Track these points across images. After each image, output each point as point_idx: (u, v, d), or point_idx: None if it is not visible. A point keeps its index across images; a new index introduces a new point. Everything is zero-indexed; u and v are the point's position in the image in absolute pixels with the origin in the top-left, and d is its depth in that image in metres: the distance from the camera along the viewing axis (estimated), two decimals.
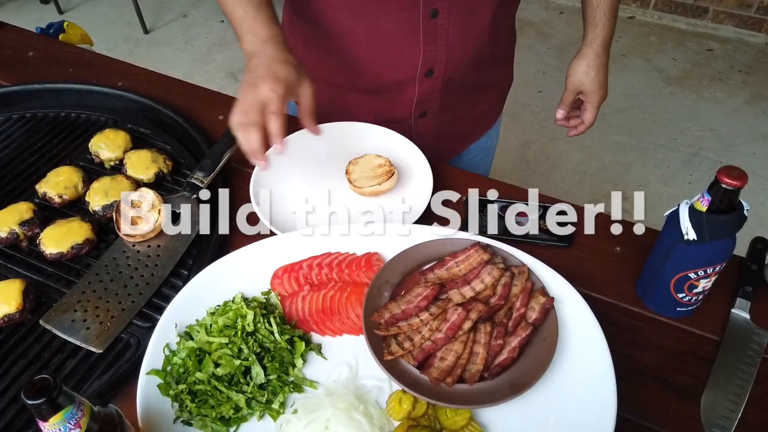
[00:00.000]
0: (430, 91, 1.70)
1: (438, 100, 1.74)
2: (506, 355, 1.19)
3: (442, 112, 1.79)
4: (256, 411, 1.16)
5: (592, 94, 1.76)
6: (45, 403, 0.86)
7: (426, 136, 1.82)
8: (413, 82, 1.68)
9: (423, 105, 1.74)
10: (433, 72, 1.65)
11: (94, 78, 2.01)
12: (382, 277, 1.31)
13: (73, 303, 1.34)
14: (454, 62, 1.65)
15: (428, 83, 1.68)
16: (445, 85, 1.70)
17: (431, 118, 1.79)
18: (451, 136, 1.90)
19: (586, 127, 1.84)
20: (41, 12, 5.55)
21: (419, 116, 1.78)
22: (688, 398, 1.22)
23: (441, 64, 1.64)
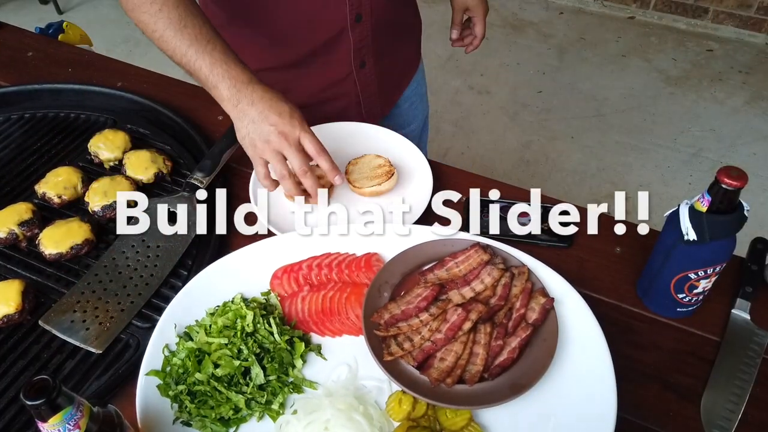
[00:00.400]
0: (363, 37, 1.72)
1: (372, 45, 1.76)
2: (506, 356, 1.19)
3: (378, 59, 1.82)
4: (255, 412, 1.16)
5: (476, 9, 1.97)
6: (44, 404, 0.86)
7: (369, 87, 1.86)
8: (346, 33, 1.69)
9: (360, 54, 1.76)
10: (362, 16, 1.67)
11: (93, 78, 2.01)
12: (382, 278, 1.31)
13: (72, 303, 1.34)
14: (377, 2, 1.68)
15: (359, 29, 1.69)
16: (375, 27, 1.72)
17: (370, 67, 1.81)
18: (388, 84, 1.94)
19: (479, 40, 2.03)
20: (40, 12, 5.54)
21: (360, 68, 1.79)
22: (689, 399, 1.22)
23: (366, 6, 1.66)
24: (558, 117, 4.35)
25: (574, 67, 4.79)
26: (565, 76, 4.70)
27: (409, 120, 2.09)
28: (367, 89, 1.85)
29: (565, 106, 4.44)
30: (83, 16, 5.55)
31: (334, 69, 1.77)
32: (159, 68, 2.12)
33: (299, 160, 1.38)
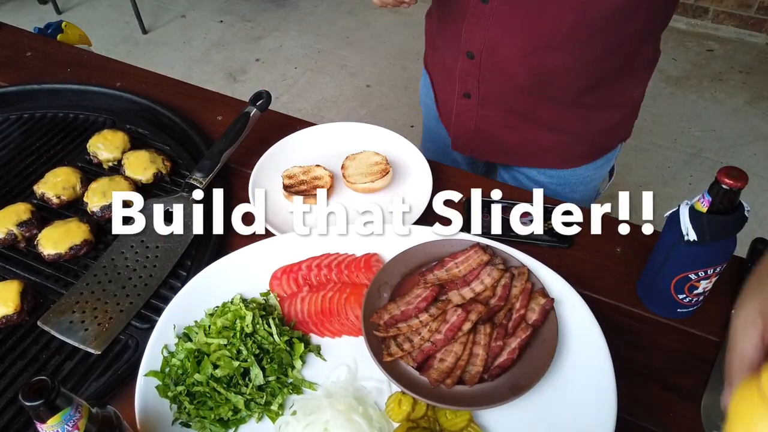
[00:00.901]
0: (469, 68, 1.66)
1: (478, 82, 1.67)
2: (506, 357, 1.19)
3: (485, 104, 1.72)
4: (254, 412, 1.16)
5: None
6: (43, 405, 0.86)
7: (466, 121, 1.80)
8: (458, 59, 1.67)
9: (465, 84, 1.71)
10: (474, 55, 1.62)
11: (92, 78, 2.01)
12: (382, 278, 1.31)
13: (71, 304, 1.34)
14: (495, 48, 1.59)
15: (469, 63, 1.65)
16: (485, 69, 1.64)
17: (473, 103, 1.74)
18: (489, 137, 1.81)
19: None
20: (39, 12, 5.54)
21: (463, 96, 1.75)
22: (689, 399, 1.22)
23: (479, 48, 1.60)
24: None
25: None
26: None
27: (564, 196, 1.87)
28: (463, 121, 1.80)
29: None
30: (82, 16, 5.55)
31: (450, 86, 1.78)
32: (158, 68, 2.12)
33: None
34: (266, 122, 1.76)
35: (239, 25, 5.46)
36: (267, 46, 5.20)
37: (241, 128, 1.64)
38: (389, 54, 5.11)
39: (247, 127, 1.65)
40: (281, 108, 1.87)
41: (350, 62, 5.06)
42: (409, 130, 4.26)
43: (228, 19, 5.54)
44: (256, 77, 4.90)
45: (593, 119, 1.74)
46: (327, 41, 5.28)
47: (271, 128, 1.78)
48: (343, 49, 5.20)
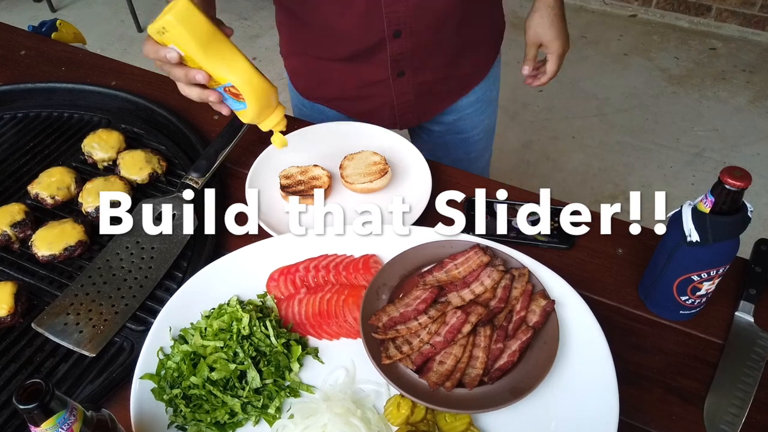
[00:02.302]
0: (402, 51, 1.70)
1: (411, 60, 1.74)
2: (506, 359, 1.19)
3: (420, 72, 1.79)
4: (251, 416, 1.16)
5: (551, 44, 1.83)
6: (37, 408, 0.86)
7: (406, 95, 1.85)
8: (384, 44, 1.68)
9: (398, 65, 1.75)
10: (401, 33, 1.65)
11: (87, 77, 2.01)
12: (380, 280, 1.31)
13: (65, 306, 1.34)
14: (419, 20, 1.64)
15: (398, 43, 1.68)
16: (417, 45, 1.70)
17: (408, 77, 1.79)
18: (432, 95, 1.90)
19: (548, 78, 1.90)
20: (33, 10, 5.54)
21: (397, 76, 1.78)
22: (692, 403, 1.22)
23: (407, 26, 1.64)
24: (559, 116, 4.36)
25: (575, 65, 4.79)
26: (567, 75, 4.70)
27: (473, 125, 2.05)
28: (403, 97, 1.84)
29: (566, 106, 4.44)
30: (77, 14, 5.55)
31: (372, 72, 1.78)
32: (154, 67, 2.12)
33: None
34: None
35: (236, 23, 5.45)
36: (264, 45, 5.19)
37: (238, 128, 1.64)
38: None
39: (244, 127, 1.65)
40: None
41: None
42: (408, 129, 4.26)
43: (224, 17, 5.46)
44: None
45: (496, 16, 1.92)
46: None
47: None
48: None
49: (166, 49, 1.24)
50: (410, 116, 1.92)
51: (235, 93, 1.28)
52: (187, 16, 1.17)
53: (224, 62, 1.24)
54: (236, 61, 1.25)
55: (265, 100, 1.29)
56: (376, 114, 1.87)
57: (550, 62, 1.87)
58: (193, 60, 1.24)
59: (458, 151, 2.09)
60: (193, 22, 1.18)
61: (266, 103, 1.30)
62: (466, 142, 2.06)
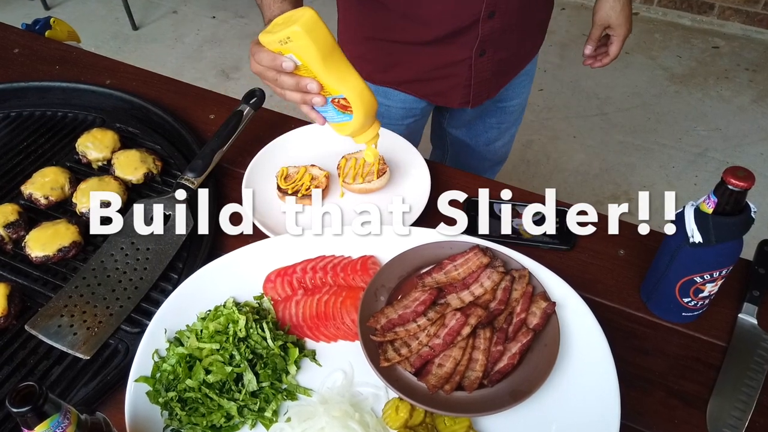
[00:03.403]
0: (492, 31, 1.75)
1: (498, 38, 1.79)
2: (506, 362, 1.19)
3: (500, 49, 1.84)
4: (248, 419, 1.16)
5: (619, 28, 1.89)
6: (30, 411, 0.86)
7: (483, 73, 1.88)
8: (476, 25, 1.72)
9: (483, 45, 1.79)
10: (495, 13, 1.70)
11: (81, 76, 2.01)
12: (378, 281, 1.31)
13: (59, 308, 1.34)
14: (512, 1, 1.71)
15: (490, 23, 1.73)
16: (504, 23, 1.75)
17: (489, 56, 1.84)
18: (503, 71, 1.95)
19: (611, 59, 1.96)
20: (27, 8, 5.54)
21: (479, 56, 1.82)
22: (694, 406, 1.22)
23: (502, 4, 1.69)
24: (560, 116, 4.35)
25: (576, 64, 4.79)
26: (567, 74, 4.70)
27: (514, 95, 2.13)
28: (480, 75, 1.88)
29: (567, 105, 4.44)
30: (71, 11, 5.54)
31: (454, 53, 1.81)
32: (149, 65, 2.12)
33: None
34: (260, 121, 1.77)
35: (232, 20, 5.45)
36: None
37: (234, 127, 1.64)
38: None
39: (240, 126, 1.65)
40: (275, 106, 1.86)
41: None
42: None
43: (221, 14, 5.54)
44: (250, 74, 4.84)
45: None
46: None
47: (264, 127, 1.78)
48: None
49: (282, 58, 1.24)
50: (483, 94, 1.96)
51: (344, 105, 1.28)
52: (314, 27, 1.17)
53: (339, 74, 1.24)
54: (350, 75, 1.25)
55: (371, 115, 1.30)
56: (449, 93, 1.92)
57: (615, 45, 1.93)
58: (310, 70, 1.23)
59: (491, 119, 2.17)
60: (318, 33, 1.18)
61: (371, 117, 1.30)
62: (502, 111, 2.14)
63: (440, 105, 1.94)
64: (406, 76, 1.92)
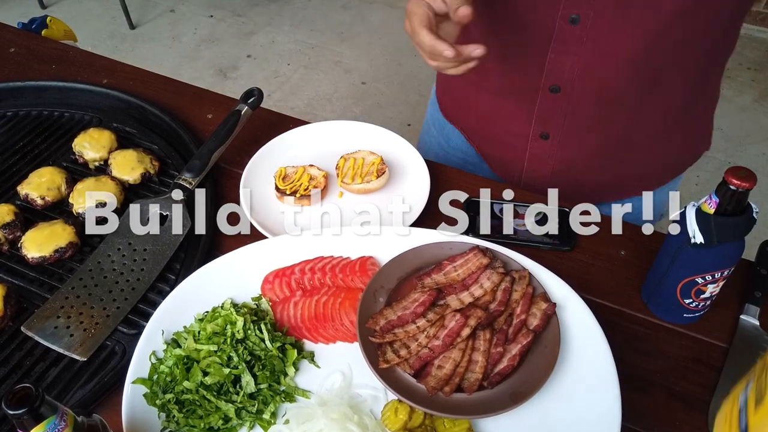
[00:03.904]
0: (553, 108, 1.55)
1: (562, 124, 1.58)
2: (506, 363, 1.19)
3: (567, 145, 1.63)
4: (246, 421, 1.15)
5: None
6: (26, 414, 0.86)
7: (540, 164, 1.69)
8: (536, 93, 1.54)
9: (544, 124, 1.60)
10: (560, 89, 1.50)
11: (77, 75, 2.01)
12: (378, 282, 1.31)
13: (56, 309, 1.34)
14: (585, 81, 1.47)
15: (552, 99, 1.53)
16: (574, 107, 1.53)
17: (552, 146, 1.64)
18: (568, 182, 1.68)
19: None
20: (23, 6, 5.54)
21: (539, 137, 1.63)
22: (696, 407, 1.22)
23: (567, 82, 1.49)
24: None
25: None
26: None
27: None
28: (536, 164, 1.69)
29: None
30: (67, 10, 5.54)
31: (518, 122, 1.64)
32: (146, 65, 2.12)
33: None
34: (258, 120, 1.77)
35: (230, 20, 5.46)
36: (259, 42, 5.20)
37: (232, 127, 1.64)
38: (385, 50, 5.11)
39: (238, 126, 1.65)
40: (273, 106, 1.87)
41: (345, 58, 5.06)
42: (405, 128, 4.26)
43: (218, 13, 5.54)
44: (248, 74, 4.90)
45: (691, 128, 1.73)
46: (321, 37, 5.28)
47: (262, 127, 1.78)
48: (338, 44, 5.21)
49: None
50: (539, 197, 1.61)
51: None
52: None
53: None
54: None
55: None
56: (508, 168, 1.74)
57: None
58: None
59: None
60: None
61: None
62: None
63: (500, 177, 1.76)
64: (472, 125, 1.80)
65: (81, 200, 1.53)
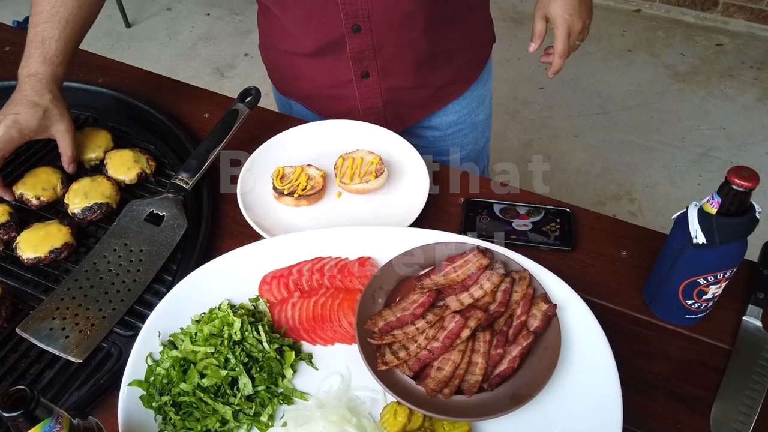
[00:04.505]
0: (362, 49, 1.70)
1: (375, 59, 1.73)
2: (506, 365, 1.19)
3: (388, 76, 1.78)
4: (243, 424, 1.15)
5: (558, 19, 1.65)
6: (21, 416, 0.86)
7: (373, 99, 1.84)
8: (344, 39, 1.67)
9: (361, 64, 1.74)
10: (360, 28, 1.64)
11: (73, 74, 2.00)
12: (376, 283, 1.31)
13: (51, 310, 1.34)
14: (378, 16, 1.62)
15: (357, 40, 1.67)
16: (379, 43, 1.69)
17: (374, 80, 1.79)
18: (402, 104, 1.88)
19: (557, 57, 1.68)
20: (18, 4, 5.52)
21: (361, 77, 1.77)
22: (698, 410, 1.22)
23: (365, 19, 1.62)
24: (561, 114, 4.36)
25: (577, 62, 4.79)
26: (568, 72, 4.70)
27: (455, 147, 2.03)
28: (369, 101, 1.84)
29: (568, 103, 4.44)
30: None
31: (339, 70, 1.77)
32: (142, 63, 2.12)
33: None
34: (255, 120, 1.77)
35: (227, 18, 5.45)
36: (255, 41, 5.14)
37: (229, 126, 1.64)
38: None
39: (235, 125, 1.65)
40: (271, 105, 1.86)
41: None
42: None
43: (215, 12, 5.54)
44: (245, 73, 4.90)
45: (475, 25, 1.89)
46: None
47: (260, 126, 1.78)
48: None
49: None
50: (380, 125, 1.81)
51: None
52: None
53: None
54: None
55: None
56: (347, 117, 1.82)
57: (557, 41, 1.67)
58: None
59: None
60: None
61: None
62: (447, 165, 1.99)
63: None
64: (306, 91, 1.92)
65: (77, 200, 1.53)
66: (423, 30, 1.70)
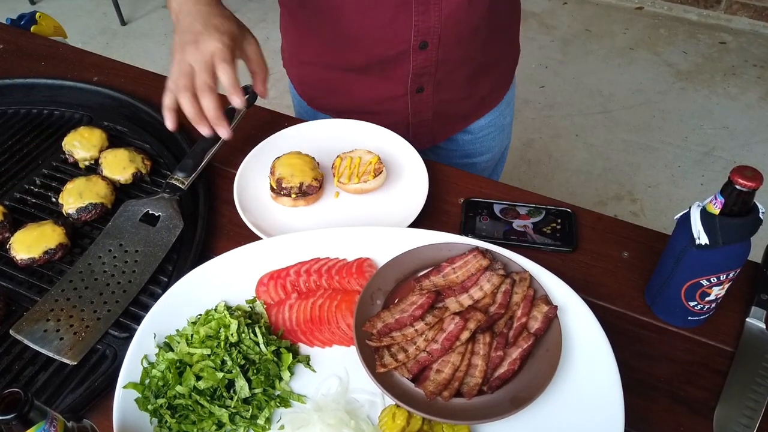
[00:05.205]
0: (426, 65, 1.69)
1: (434, 74, 1.73)
2: (507, 368, 1.19)
3: (440, 89, 1.79)
4: (240, 427, 1.15)
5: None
6: (15, 419, 0.86)
7: (423, 113, 1.84)
8: (407, 56, 1.66)
9: (419, 80, 1.73)
10: (428, 44, 1.64)
11: (67, 72, 2.01)
12: (375, 284, 1.31)
13: (45, 312, 1.34)
14: (448, 32, 1.63)
15: (423, 55, 1.67)
16: (442, 59, 1.69)
17: (428, 94, 1.79)
18: (450, 115, 1.90)
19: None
20: (12, 2, 5.53)
21: (416, 92, 1.77)
22: (700, 413, 1.22)
23: (435, 36, 1.62)
24: (562, 113, 4.36)
25: (578, 60, 4.80)
26: (570, 70, 4.71)
27: (482, 150, 2.05)
28: (420, 115, 1.84)
29: (569, 102, 4.45)
30: (57, 6, 5.54)
31: (389, 86, 1.77)
32: (137, 62, 2.12)
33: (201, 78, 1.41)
34: (252, 119, 1.77)
35: None
36: None
37: None
38: None
39: (232, 124, 1.65)
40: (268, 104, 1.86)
41: None
42: None
43: None
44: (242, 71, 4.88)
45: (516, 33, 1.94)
46: None
47: (257, 125, 1.78)
48: None
49: None
50: (425, 137, 1.90)
51: None
52: None
53: None
54: None
55: None
56: (395, 129, 1.79)
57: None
58: None
59: None
60: None
61: None
62: (472, 168, 2.04)
63: None
64: (343, 106, 1.88)
65: (71, 200, 1.52)
66: (481, 43, 1.74)
